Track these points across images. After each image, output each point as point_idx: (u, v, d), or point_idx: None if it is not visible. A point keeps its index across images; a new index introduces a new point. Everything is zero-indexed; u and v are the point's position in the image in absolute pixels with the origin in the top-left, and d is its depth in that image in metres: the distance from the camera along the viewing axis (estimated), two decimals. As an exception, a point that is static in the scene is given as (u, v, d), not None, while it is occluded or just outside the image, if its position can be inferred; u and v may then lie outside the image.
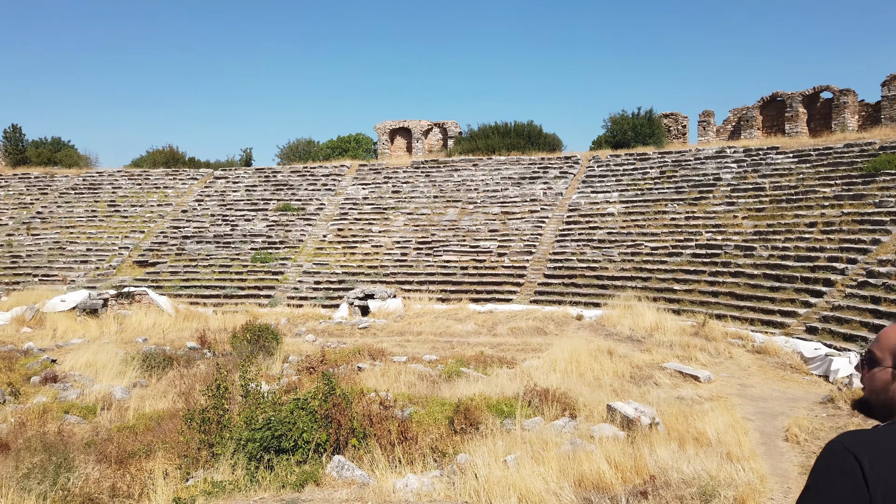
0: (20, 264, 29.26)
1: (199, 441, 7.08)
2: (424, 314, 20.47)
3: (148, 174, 37.82)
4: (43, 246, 30.63)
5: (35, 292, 24.19)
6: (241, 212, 32.66)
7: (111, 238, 31.03)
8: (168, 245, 29.93)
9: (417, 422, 8.54)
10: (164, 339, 17.04)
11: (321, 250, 28.68)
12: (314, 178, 35.75)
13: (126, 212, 33.60)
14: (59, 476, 6.01)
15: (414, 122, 39.70)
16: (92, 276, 27.58)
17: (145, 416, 9.49)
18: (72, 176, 38.06)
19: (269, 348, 14.06)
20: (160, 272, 27.68)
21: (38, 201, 35.29)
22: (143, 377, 12.36)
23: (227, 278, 26.90)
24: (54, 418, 9.35)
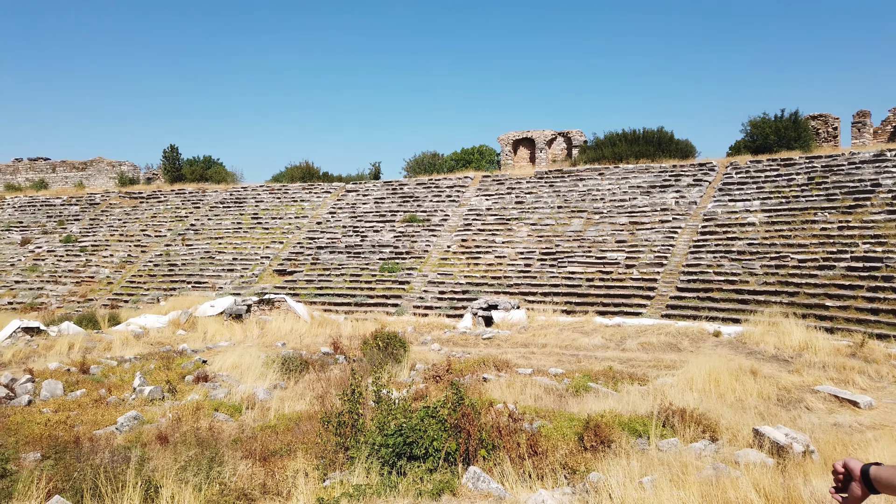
0: (176, 272, 32.14)
1: (336, 443, 7.34)
2: (549, 326, 20.14)
3: (286, 188, 40.37)
4: (195, 255, 33.47)
5: (189, 298, 26.45)
6: (370, 223, 33.94)
7: (254, 248, 33.34)
8: (304, 255, 31.67)
9: (545, 436, 8.36)
10: (301, 343, 17.97)
11: (445, 260, 29.13)
12: (439, 189, 36.46)
13: (267, 224, 36.00)
14: (211, 470, 6.45)
15: (537, 132, 39.44)
16: (237, 284, 29.74)
17: (285, 417, 10.01)
18: (220, 191, 41.44)
19: (397, 356, 14.41)
20: (297, 280, 29.32)
21: (192, 214, 38.67)
22: (283, 379, 13.07)
23: (357, 287, 28.01)
24: (206, 415, 10.09)
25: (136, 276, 32.45)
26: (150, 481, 6.12)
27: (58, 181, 49.41)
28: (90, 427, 9.68)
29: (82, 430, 9.39)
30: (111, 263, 34.18)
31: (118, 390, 12.30)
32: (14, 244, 38.08)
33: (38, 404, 11.20)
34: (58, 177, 49.77)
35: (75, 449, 7.88)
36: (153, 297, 29.43)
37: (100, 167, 49.24)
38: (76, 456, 7.03)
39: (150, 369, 14.15)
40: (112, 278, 32.66)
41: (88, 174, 49.17)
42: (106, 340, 18.63)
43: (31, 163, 51.37)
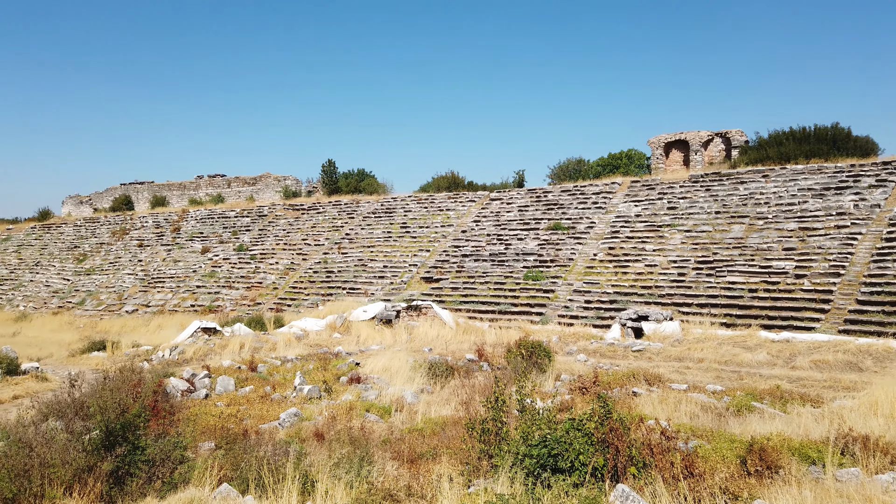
0: (333, 278, 34.17)
1: (480, 451, 7.33)
2: (705, 340, 18.87)
3: (433, 198, 41.55)
4: (350, 263, 35.38)
5: (344, 303, 27.98)
6: (514, 231, 33.93)
7: (402, 256, 34.60)
8: (450, 263, 32.33)
9: (703, 457, 7.78)
10: (447, 349, 18.30)
11: (591, 269, 28.36)
12: (584, 196, 35.66)
13: (415, 232, 37.23)
14: (361, 468, 6.69)
15: (692, 133, 37.34)
16: (387, 290, 31.00)
17: (431, 421, 10.19)
18: (372, 202, 43.55)
19: (541, 365, 14.20)
20: (443, 287, 29.98)
21: (347, 224, 40.97)
22: (429, 384, 13.36)
23: (501, 295, 28.07)
24: (358, 415, 10.54)
25: (297, 282, 34.92)
26: (306, 475, 6.47)
27: (232, 195, 54.61)
28: (257, 421, 10.47)
29: (250, 424, 10.18)
30: (276, 270, 37.08)
31: (281, 388, 13.23)
32: (196, 252, 42.59)
33: (213, 398, 12.33)
34: (232, 191, 55.01)
35: (243, 441, 8.54)
36: (312, 301, 31.48)
37: (267, 182, 53.73)
38: (244, 448, 7.61)
39: (309, 369, 15.08)
40: (277, 284, 35.40)
41: (258, 188, 53.82)
42: (271, 341, 20.18)
43: (210, 179, 57.26)
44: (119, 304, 37.13)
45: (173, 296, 36.81)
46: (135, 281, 40.39)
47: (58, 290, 41.89)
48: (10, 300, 41.87)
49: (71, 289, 41.62)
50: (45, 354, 22.52)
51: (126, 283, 40.41)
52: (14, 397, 13.75)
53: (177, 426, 8.86)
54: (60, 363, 19.80)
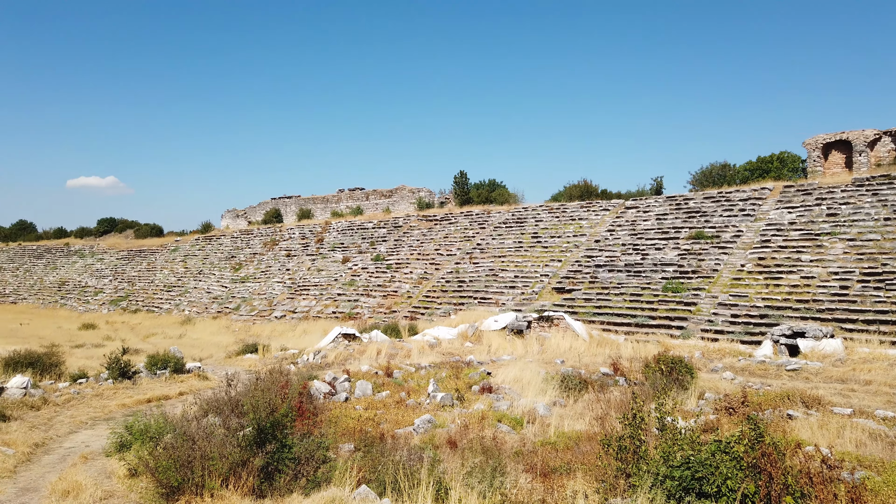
0: (464, 288, 34.60)
1: (616, 468, 7.04)
2: (873, 360, 16.95)
3: (564, 207, 40.93)
4: (481, 273, 35.67)
5: (475, 312, 28.23)
6: (652, 241, 32.55)
7: (533, 266, 34.34)
8: (582, 273, 31.62)
9: (872, 490, 6.97)
10: (580, 362, 17.86)
11: (738, 281, 26.51)
12: (730, 203, 33.51)
13: (546, 242, 36.83)
14: (494, 479, 6.66)
15: (855, 132, 33.96)
16: (518, 300, 30.88)
17: (564, 435, 9.97)
18: (503, 212, 43.69)
19: (682, 382, 13.44)
20: (575, 298, 29.37)
21: (478, 234, 41.37)
22: (562, 397, 13.08)
23: (637, 307, 27.00)
24: (490, 425, 10.54)
25: (430, 291, 35.73)
26: (440, 482, 6.55)
27: (370, 207, 57.10)
28: (392, 426, 10.78)
29: (386, 428, 10.51)
30: (410, 279, 38.19)
31: (415, 394, 13.55)
32: (337, 262, 44.92)
33: (352, 401, 12.87)
34: (370, 203, 57.53)
35: (380, 444, 8.83)
36: (445, 310, 32.06)
37: (402, 194, 55.63)
38: (381, 451, 7.86)
39: (442, 377, 15.32)
40: (411, 293, 36.45)
41: (393, 200, 55.87)
42: (406, 348, 20.77)
43: (350, 192, 60.27)
44: (269, 310, 39.97)
45: (317, 303, 39.03)
46: (283, 288, 43.31)
47: (217, 297, 45.88)
48: (178, 305, 46.44)
49: (228, 295, 45.42)
50: (206, 355, 24.70)
51: (275, 290, 43.44)
52: (180, 393, 15.19)
53: (319, 427, 9.32)
54: (218, 363, 21.61)
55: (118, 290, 54.37)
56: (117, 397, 14.29)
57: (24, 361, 17.15)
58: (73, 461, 8.87)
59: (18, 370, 16.45)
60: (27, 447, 9.60)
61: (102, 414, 12.81)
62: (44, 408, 12.88)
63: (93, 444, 10.06)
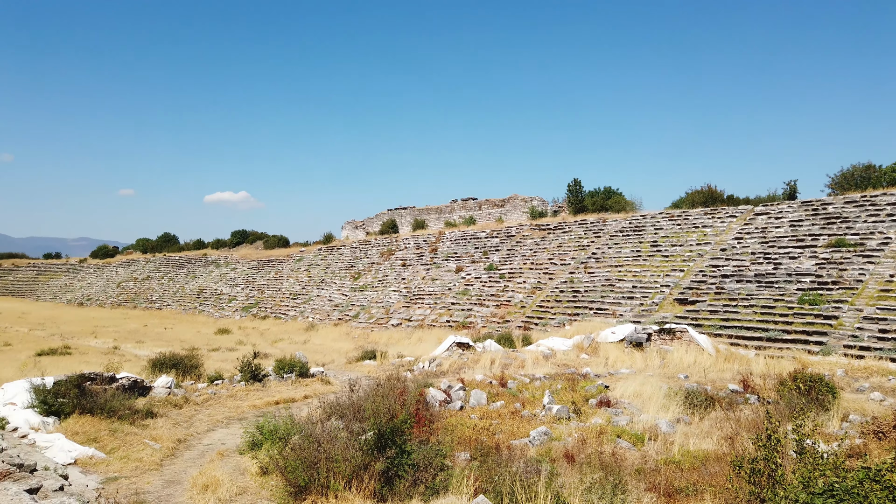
0: (579, 298, 33.89)
1: (749, 492, 6.58)
2: None
3: (686, 214, 39.10)
4: (596, 283, 34.79)
5: (591, 323, 27.55)
6: (785, 249, 30.35)
7: (653, 276, 33.03)
8: (707, 284, 30.02)
9: None
10: (705, 378, 16.92)
11: (887, 293, 24.10)
12: (875, 207, 30.61)
13: (666, 251, 35.33)
14: (615, 496, 6.43)
15: None
16: (637, 312, 29.81)
17: (690, 454, 9.46)
18: (620, 220, 42.43)
19: (823, 402, 12.36)
20: (699, 310, 27.91)
21: (593, 243, 40.43)
22: (686, 414, 12.44)
23: (769, 320, 25.21)
24: (609, 440, 10.20)
25: (544, 301, 35.31)
26: (558, 497, 6.41)
27: (482, 217, 57.44)
28: (507, 436, 10.71)
29: (501, 438, 10.45)
30: (524, 289, 37.95)
31: (530, 405, 13.40)
32: (451, 271, 45.50)
33: (467, 410, 12.93)
34: (482, 213, 57.88)
35: (496, 455, 8.79)
36: (559, 321, 31.55)
37: (515, 203, 55.50)
38: (497, 461, 7.82)
39: (557, 389, 15.06)
40: (524, 302, 36.20)
41: (506, 210, 55.88)
42: (520, 359, 20.62)
43: (463, 203, 60.93)
44: (386, 318, 41.16)
45: (431, 311, 39.72)
46: (399, 297, 44.46)
47: (338, 305, 47.87)
48: (302, 312, 48.92)
49: (348, 303, 47.27)
50: (328, 360, 25.79)
51: (392, 299, 44.68)
52: (305, 397, 15.94)
53: (436, 434, 9.43)
54: (340, 369, 22.48)
55: (249, 297, 58.14)
56: (249, 398, 15.23)
57: (169, 363, 18.72)
58: (211, 457, 9.53)
59: (164, 371, 17.97)
60: (171, 442, 10.43)
61: (236, 414, 13.69)
62: (185, 406, 13.96)
63: (228, 441, 10.77)
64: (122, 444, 9.78)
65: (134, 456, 9.25)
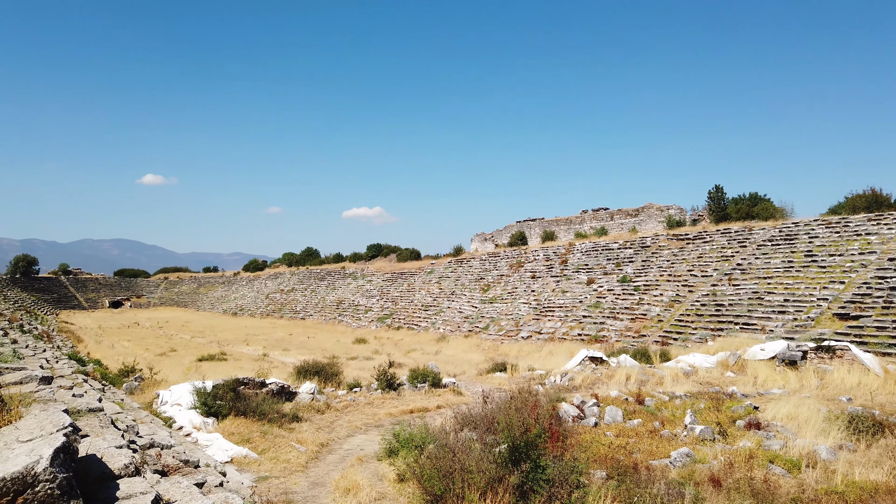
0: (723, 312, 31.84)
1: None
2: None
3: (847, 221, 35.64)
4: (742, 296, 32.53)
5: (736, 339, 25.77)
6: (968, 258, 26.75)
7: (808, 289, 30.35)
8: (872, 297, 27.10)
9: None
10: (872, 401, 15.24)
11: None
12: None
13: (823, 261, 32.36)
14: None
15: None
16: (789, 327, 27.50)
17: (856, 485, 8.54)
18: (768, 228, 39.47)
19: None
20: (863, 326, 25.24)
21: (738, 254, 37.89)
22: (850, 440, 11.25)
23: (950, 338, 22.27)
24: (759, 465, 9.45)
25: (683, 315, 33.55)
26: (704, 523, 6.02)
27: (615, 227, 55.79)
28: (646, 456, 10.25)
29: (639, 458, 10.01)
30: (661, 302, 36.30)
31: (670, 425, 12.74)
32: (581, 284, 44.53)
33: (602, 427, 12.53)
34: (614, 223, 56.23)
35: (634, 474, 8.43)
36: (700, 336, 29.83)
37: (649, 212, 53.41)
38: (635, 481, 7.50)
39: (700, 409, 14.20)
40: (662, 316, 34.60)
41: (640, 220, 53.90)
42: (657, 375, 19.70)
43: (594, 213, 59.56)
44: (516, 331, 41.02)
45: (562, 324, 39.06)
46: (528, 309, 44.17)
47: (468, 316, 48.42)
48: (433, 323, 49.98)
49: (477, 315, 47.67)
50: (459, 371, 26.11)
51: (521, 311, 44.48)
52: (437, 406, 16.23)
53: (570, 451, 9.22)
54: (471, 380, 22.68)
55: (384, 308, 60.35)
56: (385, 406, 15.76)
57: (312, 370, 19.84)
58: (351, 462, 9.95)
59: (307, 378, 19.06)
60: (315, 446, 11.02)
61: (373, 421, 14.21)
62: (327, 412, 14.70)
63: (366, 447, 11.19)
64: (272, 445, 10.46)
65: (282, 457, 9.86)
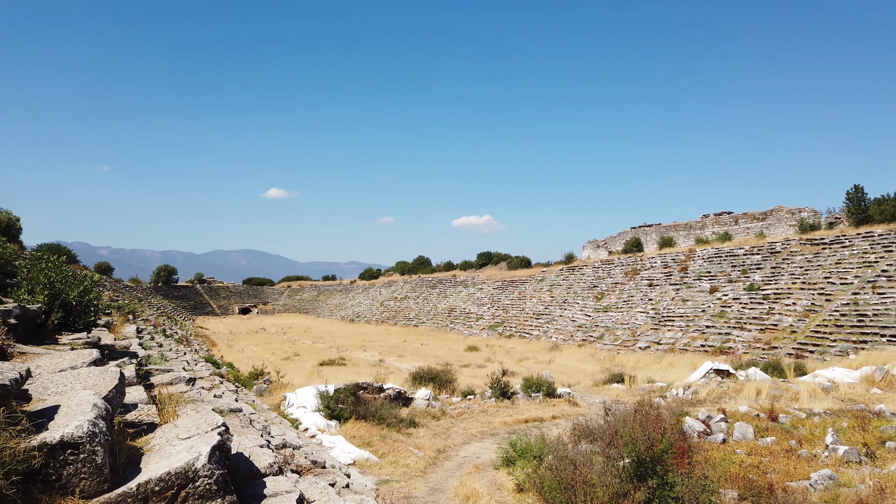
0: (867, 323, 29.11)
1: None
2: None
3: None
4: (889, 305, 29.59)
5: (883, 353, 23.47)
6: None
7: (969, 298, 27.10)
8: None
9: None
10: None
11: None
12: None
13: None
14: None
15: None
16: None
17: None
18: (918, 231, 35.74)
19: None
20: None
21: (883, 259, 34.55)
22: None
23: None
24: (919, 494, 8.50)
25: (820, 326, 31.00)
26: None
27: (739, 232, 52.62)
28: (782, 476, 9.51)
29: (775, 479, 9.31)
30: (794, 312, 33.75)
31: (808, 444, 11.77)
32: (704, 292, 42.30)
33: (731, 444, 11.78)
34: (739, 228, 53.04)
35: (769, 496, 7.84)
36: (840, 349, 27.42)
37: (779, 216, 49.94)
38: None
39: (843, 428, 13.02)
40: (795, 327, 32.16)
41: (768, 224, 50.52)
42: (792, 390, 18.30)
43: (717, 217, 56.51)
44: (633, 341, 39.62)
45: (682, 335, 37.27)
46: (646, 319, 42.55)
47: (581, 325, 47.38)
48: (545, 332, 49.33)
49: (591, 324, 46.53)
50: (574, 381, 25.55)
51: (638, 320, 42.92)
52: (552, 417, 15.95)
53: (698, 468, 8.72)
54: (586, 391, 22.13)
55: (495, 316, 60.35)
56: (499, 415, 15.69)
57: (426, 377, 20.16)
58: (468, 469, 9.97)
59: (422, 384, 19.38)
60: (432, 452, 11.14)
61: (488, 429, 14.19)
62: (442, 418, 14.85)
63: (482, 455, 11.18)
64: (391, 449, 10.70)
65: (402, 462, 10.06)
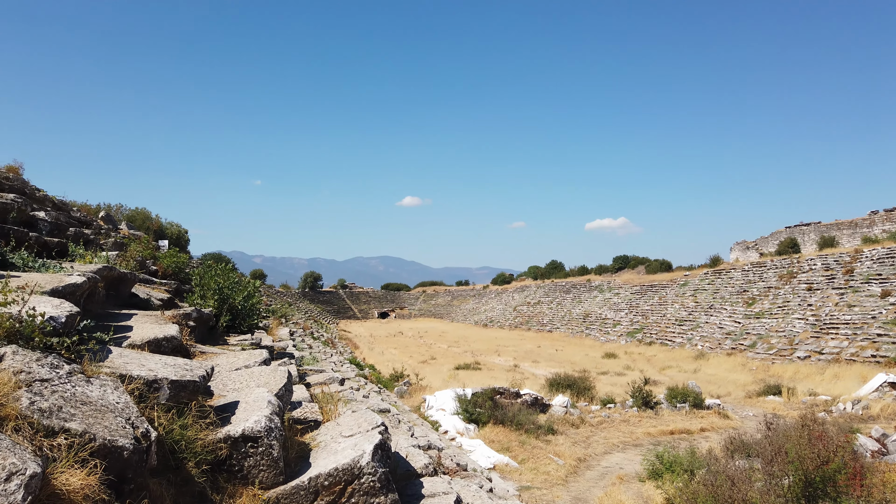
0: None
1: None
2: None
3: None
4: None
5: None
6: None
7: None
8: None
9: None
10: None
11: None
12: None
13: None
14: None
15: None
16: None
17: None
18: None
19: None
20: None
21: None
22: None
23: None
24: None
25: None
26: None
27: (916, 230, 46.92)
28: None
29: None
30: None
31: None
32: (874, 296, 38.09)
33: (914, 466, 10.47)
34: (916, 226, 47.32)
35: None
36: None
37: (965, 210, 43.94)
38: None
39: None
40: None
41: (951, 220, 44.62)
42: None
43: (887, 214, 50.82)
44: (790, 350, 36.52)
45: (849, 343, 33.77)
46: (805, 326, 39.06)
47: (730, 332, 44.40)
48: (689, 339, 46.77)
49: (742, 331, 43.46)
50: (723, 393, 23.95)
51: (795, 327, 39.51)
52: (701, 429, 15.04)
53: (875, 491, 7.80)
54: (737, 403, 20.66)
55: (633, 322, 58.17)
56: (642, 425, 15.05)
57: (563, 383, 19.79)
58: (612, 480, 9.63)
59: (559, 390, 19.06)
60: (572, 460, 10.90)
61: (630, 439, 13.65)
62: (581, 426, 14.50)
63: (626, 466, 10.76)
64: (530, 456, 10.59)
65: (542, 469, 9.92)
